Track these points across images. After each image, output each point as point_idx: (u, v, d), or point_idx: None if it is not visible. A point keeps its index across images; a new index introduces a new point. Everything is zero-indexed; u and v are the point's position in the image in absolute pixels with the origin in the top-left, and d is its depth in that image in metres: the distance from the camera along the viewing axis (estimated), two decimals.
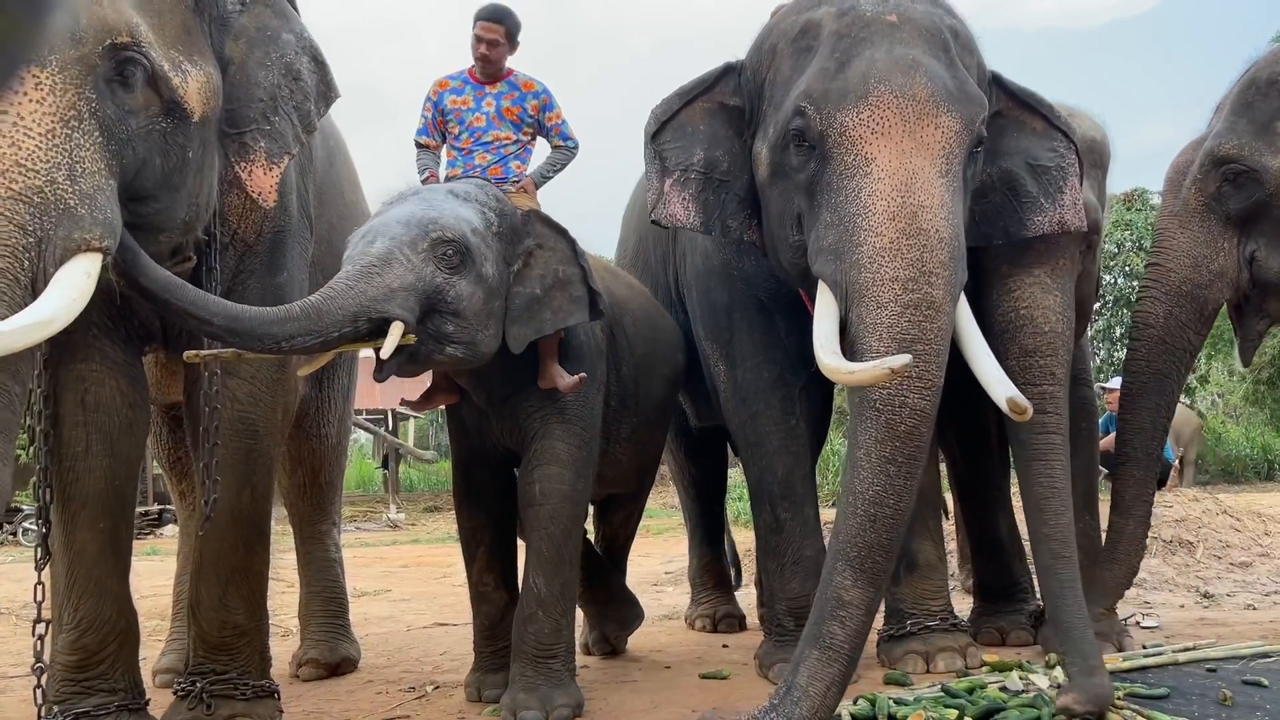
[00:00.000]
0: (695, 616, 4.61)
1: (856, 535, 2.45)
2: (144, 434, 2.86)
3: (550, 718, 2.87)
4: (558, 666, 3.00)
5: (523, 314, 2.92)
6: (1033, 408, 2.70)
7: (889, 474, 2.43)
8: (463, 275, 2.72)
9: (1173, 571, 5.09)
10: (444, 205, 2.79)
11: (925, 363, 2.43)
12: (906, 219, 2.48)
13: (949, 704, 2.68)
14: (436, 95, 3.44)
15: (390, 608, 5.64)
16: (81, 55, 2.11)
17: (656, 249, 4.05)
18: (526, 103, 3.38)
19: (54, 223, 2.01)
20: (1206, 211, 3.18)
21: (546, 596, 2.99)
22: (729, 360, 3.48)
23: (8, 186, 1.97)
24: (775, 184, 2.84)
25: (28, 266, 1.98)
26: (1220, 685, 2.88)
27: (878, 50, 2.64)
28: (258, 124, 2.58)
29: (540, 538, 3.02)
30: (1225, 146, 3.12)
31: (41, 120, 2.04)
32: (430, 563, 8.16)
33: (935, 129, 2.57)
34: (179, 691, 2.83)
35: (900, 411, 2.43)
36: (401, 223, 2.69)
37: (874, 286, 2.47)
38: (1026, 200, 3.02)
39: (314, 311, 2.49)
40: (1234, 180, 3.12)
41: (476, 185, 3.01)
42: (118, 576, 2.72)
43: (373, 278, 2.57)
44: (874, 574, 2.45)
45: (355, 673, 3.82)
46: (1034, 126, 3.06)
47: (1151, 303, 3.28)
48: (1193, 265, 3.20)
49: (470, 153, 3.35)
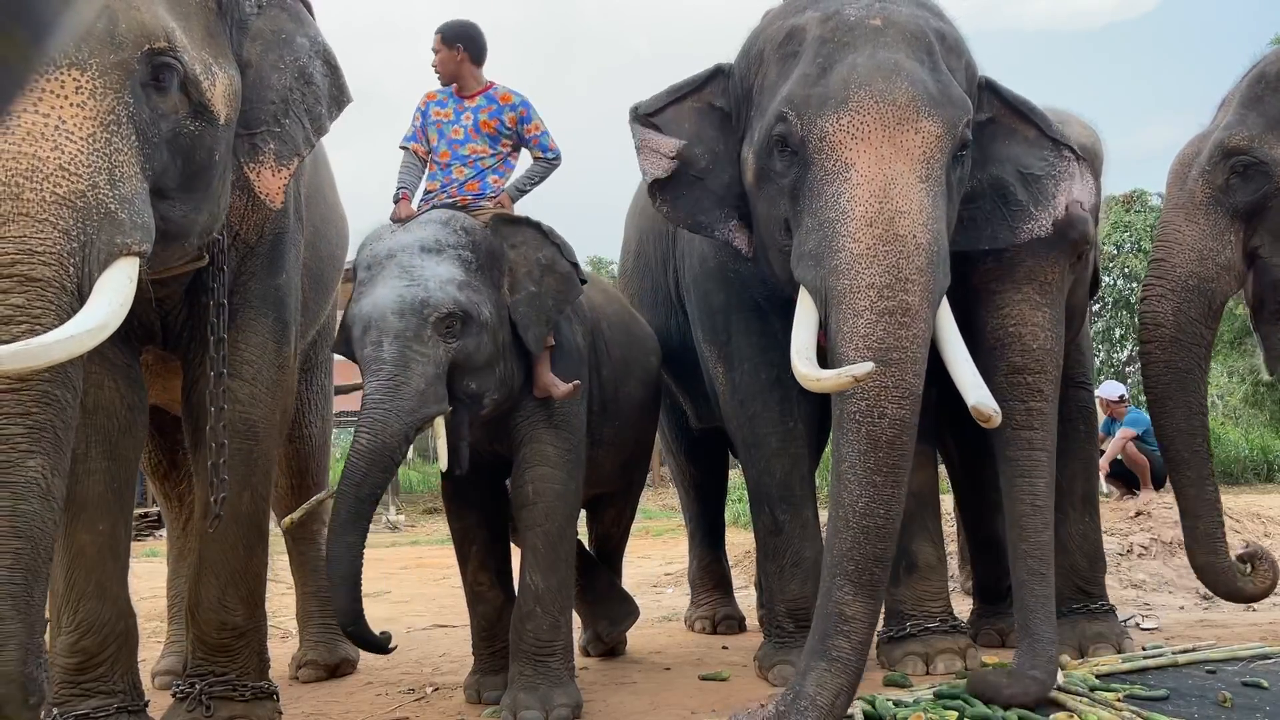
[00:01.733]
0: (695, 618, 4.61)
1: (851, 550, 2.45)
2: (143, 435, 2.86)
3: (550, 718, 2.89)
4: (556, 665, 3.02)
5: (530, 316, 3.02)
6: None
7: (875, 485, 2.44)
8: (467, 335, 2.84)
9: (1172, 573, 5.09)
10: (426, 274, 2.85)
11: (901, 370, 2.43)
12: (884, 224, 2.49)
13: (948, 705, 2.68)
14: (424, 105, 3.46)
15: (389, 609, 5.64)
16: (121, 60, 2.11)
17: (657, 251, 4.05)
18: (504, 115, 3.37)
19: (96, 227, 2.01)
20: (1213, 203, 3.14)
21: (544, 593, 3.02)
22: (727, 362, 3.48)
23: (52, 191, 1.96)
24: (762, 189, 2.85)
25: (73, 273, 1.98)
26: (1220, 687, 2.88)
27: (860, 55, 2.64)
28: (268, 125, 2.59)
29: (535, 536, 3.06)
30: (1235, 138, 3.09)
31: (83, 124, 2.03)
32: (429, 564, 8.15)
33: (915, 134, 2.58)
34: (178, 693, 2.83)
35: (880, 423, 2.43)
36: (396, 313, 2.78)
37: (851, 294, 2.48)
38: (1016, 208, 3.01)
39: (376, 453, 2.72)
40: (1243, 173, 3.09)
41: (441, 224, 3.02)
42: (117, 579, 2.73)
43: (401, 390, 2.74)
44: (872, 586, 2.47)
45: (354, 674, 3.83)
46: (1025, 134, 3.06)
47: (1159, 300, 3.21)
48: (1199, 259, 3.15)
49: (448, 167, 3.35)
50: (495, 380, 2.94)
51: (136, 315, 2.73)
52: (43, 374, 1.93)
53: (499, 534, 3.40)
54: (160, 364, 3.00)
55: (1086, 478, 3.75)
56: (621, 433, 3.63)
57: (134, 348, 2.79)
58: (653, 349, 3.88)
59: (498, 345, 2.94)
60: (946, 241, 2.62)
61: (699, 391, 3.92)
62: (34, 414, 1.93)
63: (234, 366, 2.77)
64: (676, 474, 4.99)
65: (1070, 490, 3.61)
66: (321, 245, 3.46)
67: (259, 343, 2.86)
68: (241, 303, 2.82)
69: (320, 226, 3.35)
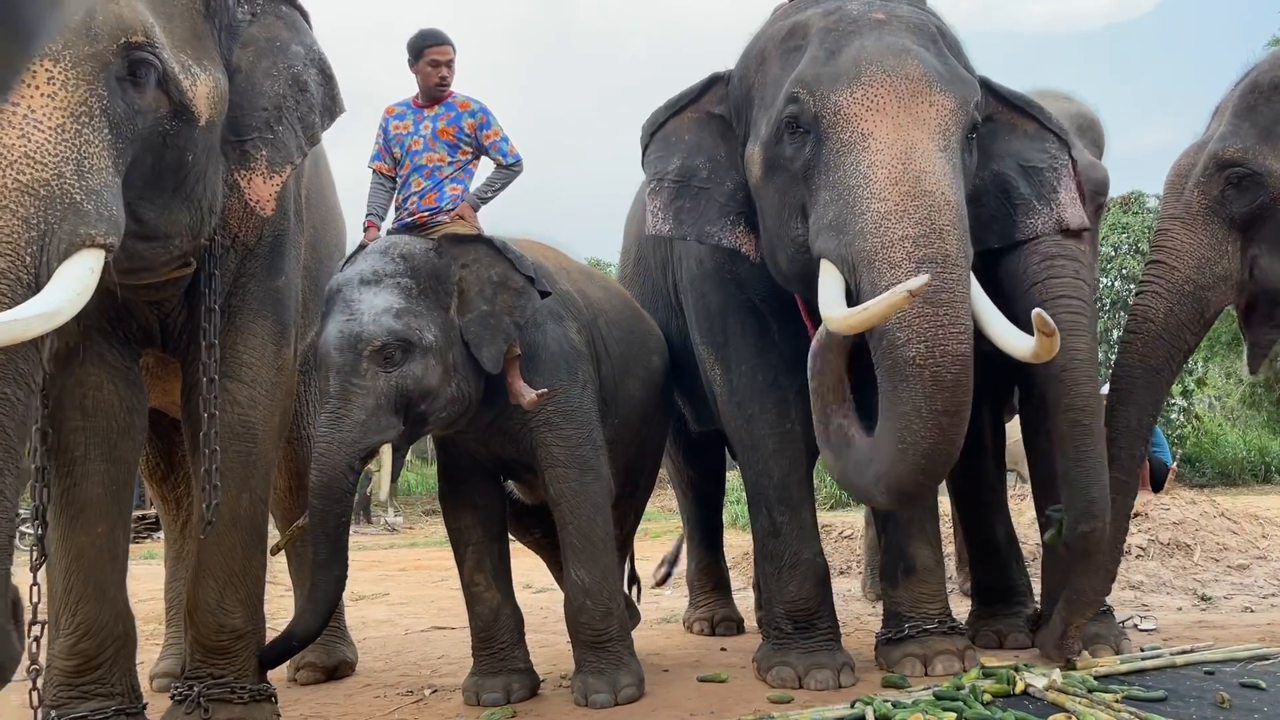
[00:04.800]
0: (693, 619, 4.61)
1: (909, 474, 2.48)
2: (142, 438, 2.86)
3: (619, 697, 3.11)
4: (615, 648, 3.22)
5: (483, 335, 3.06)
6: (1059, 335, 2.63)
7: (942, 426, 2.42)
8: (410, 361, 2.90)
9: (1170, 574, 5.10)
10: (363, 308, 2.91)
11: (954, 309, 2.41)
12: (910, 183, 2.47)
13: (947, 707, 2.68)
14: (384, 121, 3.45)
15: (388, 611, 5.64)
16: (96, 52, 2.10)
17: (656, 255, 4.06)
18: (463, 121, 3.35)
19: (59, 217, 2.01)
20: (1210, 214, 3.14)
21: (590, 585, 3.18)
22: (724, 364, 3.48)
23: (15, 178, 1.96)
24: (770, 180, 2.85)
25: (30, 263, 1.97)
26: (1218, 688, 2.88)
27: (867, 39, 2.66)
28: (260, 132, 2.59)
29: (568, 534, 3.21)
30: (1230, 150, 3.10)
31: (52, 114, 2.03)
32: (428, 566, 8.16)
33: (930, 105, 2.58)
34: (176, 696, 2.83)
35: (943, 361, 2.41)
36: (336, 348, 2.87)
37: (884, 249, 2.45)
38: (1020, 203, 3.05)
39: (327, 488, 2.80)
40: (1238, 184, 3.10)
41: (380, 254, 3.06)
42: (115, 581, 2.73)
43: (342, 422, 2.82)
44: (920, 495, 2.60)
45: (353, 676, 3.83)
46: (1025, 128, 3.08)
47: (1153, 298, 3.21)
48: (1197, 266, 3.15)
49: (407, 180, 3.35)
50: (444, 399, 2.99)
51: (136, 318, 2.74)
52: None
53: (496, 534, 3.42)
54: (160, 367, 3.00)
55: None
56: (623, 433, 3.63)
57: (134, 350, 2.79)
58: (656, 348, 3.89)
59: (447, 366, 2.99)
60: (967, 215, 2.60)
61: (697, 393, 3.92)
62: None
63: (233, 369, 2.77)
64: (675, 475, 4.99)
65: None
66: (321, 247, 3.46)
67: (258, 345, 2.86)
68: (241, 304, 2.82)
69: (319, 228, 3.36)
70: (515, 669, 3.30)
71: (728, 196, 3.04)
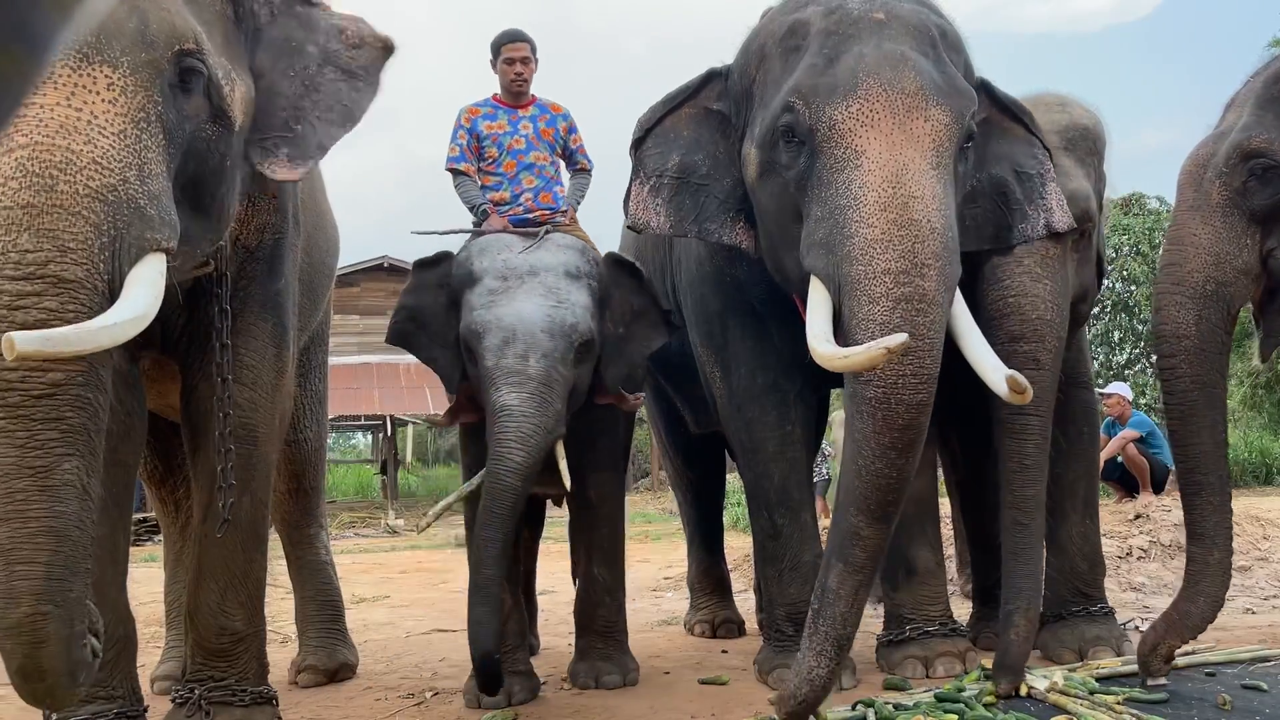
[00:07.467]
0: (694, 622, 4.61)
1: (866, 492, 2.48)
2: (142, 440, 2.86)
3: (626, 680, 3.40)
4: (621, 638, 3.54)
5: (613, 356, 3.21)
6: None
7: (890, 458, 2.44)
8: (584, 363, 3.04)
9: (1172, 576, 5.09)
10: (573, 298, 3.03)
11: (919, 357, 2.42)
12: (898, 209, 2.47)
13: (948, 709, 2.68)
14: (470, 122, 3.45)
15: (389, 614, 5.63)
16: (152, 59, 2.13)
17: (655, 257, 4.05)
18: (558, 124, 3.45)
19: (127, 222, 2.02)
20: (1230, 206, 3.02)
21: (612, 584, 3.47)
22: (723, 366, 3.48)
23: (85, 184, 1.96)
24: (765, 183, 2.84)
25: (104, 270, 1.98)
26: (1219, 690, 2.88)
27: (866, 46, 2.64)
28: (279, 132, 2.60)
29: (601, 535, 3.46)
30: (1255, 141, 3.01)
31: (114, 120, 2.04)
32: (429, 569, 8.15)
33: (925, 121, 2.58)
34: (177, 698, 2.83)
35: (896, 409, 2.42)
36: (546, 331, 2.91)
37: (866, 280, 2.46)
38: (1015, 206, 3.05)
39: (526, 469, 2.83)
40: (1261, 175, 2.99)
41: (579, 251, 3.20)
42: (115, 584, 2.72)
43: (547, 408, 2.88)
44: (885, 517, 2.50)
45: (354, 679, 3.82)
46: (1017, 133, 3.08)
47: (1178, 309, 3.01)
48: (1215, 263, 3.01)
49: (516, 177, 3.38)
50: (576, 403, 3.10)
51: None
52: (76, 378, 1.94)
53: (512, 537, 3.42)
54: (157, 370, 3.00)
55: (1088, 480, 3.75)
56: None
57: (132, 353, 2.78)
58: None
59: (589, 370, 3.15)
60: (957, 231, 2.61)
61: (696, 396, 3.91)
62: (68, 418, 1.95)
63: (234, 371, 2.77)
64: (675, 478, 4.98)
65: (1072, 492, 3.61)
66: (314, 251, 3.46)
67: (258, 348, 2.86)
68: (241, 307, 2.82)
69: (312, 233, 3.36)
70: (516, 671, 3.29)
71: (727, 193, 3.03)
